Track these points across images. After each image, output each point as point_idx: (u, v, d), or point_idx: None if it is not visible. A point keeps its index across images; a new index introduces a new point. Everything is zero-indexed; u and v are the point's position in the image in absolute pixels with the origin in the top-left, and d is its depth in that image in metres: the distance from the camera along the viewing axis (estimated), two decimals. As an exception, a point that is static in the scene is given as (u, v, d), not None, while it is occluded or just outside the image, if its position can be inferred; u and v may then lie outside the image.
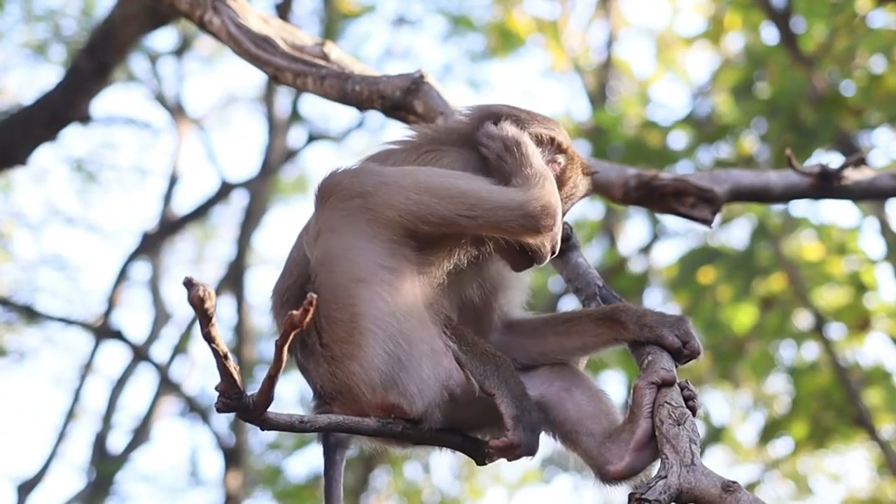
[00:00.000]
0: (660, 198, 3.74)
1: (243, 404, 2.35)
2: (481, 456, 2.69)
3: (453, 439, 2.68)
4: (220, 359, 2.27)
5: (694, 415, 2.53)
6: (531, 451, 2.54)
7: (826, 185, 3.87)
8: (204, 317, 2.19)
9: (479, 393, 2.57)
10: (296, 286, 2.67)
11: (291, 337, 2.23)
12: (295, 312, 2.17)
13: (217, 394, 2.34)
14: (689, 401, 2.56)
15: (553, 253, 2.74)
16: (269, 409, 2.39)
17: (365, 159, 2.82)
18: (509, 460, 2.59)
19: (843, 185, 3.87)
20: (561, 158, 2.76)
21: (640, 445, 2.56)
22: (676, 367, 2.63)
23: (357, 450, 2.80)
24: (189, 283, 2.14)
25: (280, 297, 2.72)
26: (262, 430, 2.42)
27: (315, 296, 2.18)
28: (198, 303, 2.16)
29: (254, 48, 3.56)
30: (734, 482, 2.26)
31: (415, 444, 2.66)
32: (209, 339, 2.23)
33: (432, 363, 2.55)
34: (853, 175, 3.90)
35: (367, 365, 2.52)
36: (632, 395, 2.59)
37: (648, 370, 2.60)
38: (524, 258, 2.66)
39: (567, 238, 2.91)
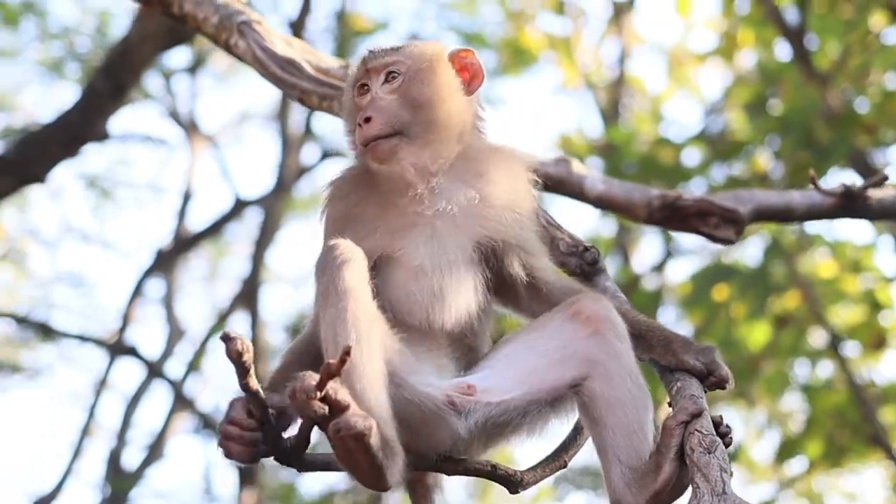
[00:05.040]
0: (683, 218, 3.77)
1: (282, 448, 2.41)
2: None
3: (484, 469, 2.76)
4: (262, 409, 2.34)
5: (726, 446, 2.52)
6: None
7: (849, 205, 3.87)
8: (241, 369, 2.27)
9: None
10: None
11: (328, 385, 2.27)
12: (332, 361, 2.22)
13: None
14: (725, 437, 2.56)
15: None
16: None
17: None
18: None
19: (866, 205, 3.88)
20: None
21: (660, 494, 2.54)
22: (705, 392, 2.63)
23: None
24: (227, 338, 2.21)
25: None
26: (300, 472, 2.47)
27: (350, 346, 2.24)
28: (236, 357, 2.23)
29: (280, 71, 3.58)
30: (765, 510, 2.26)
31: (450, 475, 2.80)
32: (247, 390, 2.28)
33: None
34: (875, 194, 3.91)
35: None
36: (660, 433, 2.59)
37: (678, 401, 2.60)
38: None
39: (594, 262, 2.92)
